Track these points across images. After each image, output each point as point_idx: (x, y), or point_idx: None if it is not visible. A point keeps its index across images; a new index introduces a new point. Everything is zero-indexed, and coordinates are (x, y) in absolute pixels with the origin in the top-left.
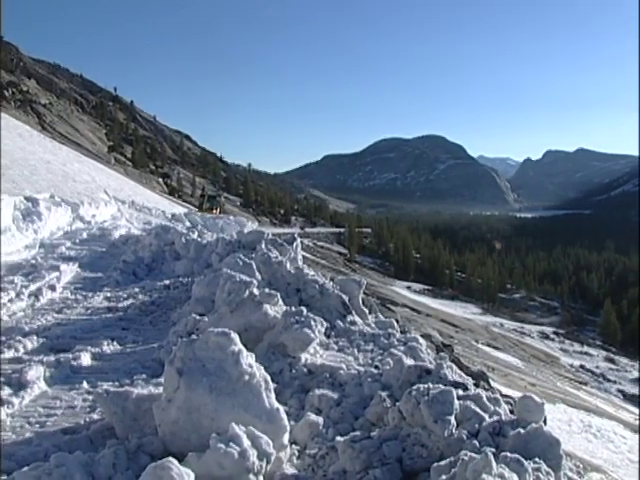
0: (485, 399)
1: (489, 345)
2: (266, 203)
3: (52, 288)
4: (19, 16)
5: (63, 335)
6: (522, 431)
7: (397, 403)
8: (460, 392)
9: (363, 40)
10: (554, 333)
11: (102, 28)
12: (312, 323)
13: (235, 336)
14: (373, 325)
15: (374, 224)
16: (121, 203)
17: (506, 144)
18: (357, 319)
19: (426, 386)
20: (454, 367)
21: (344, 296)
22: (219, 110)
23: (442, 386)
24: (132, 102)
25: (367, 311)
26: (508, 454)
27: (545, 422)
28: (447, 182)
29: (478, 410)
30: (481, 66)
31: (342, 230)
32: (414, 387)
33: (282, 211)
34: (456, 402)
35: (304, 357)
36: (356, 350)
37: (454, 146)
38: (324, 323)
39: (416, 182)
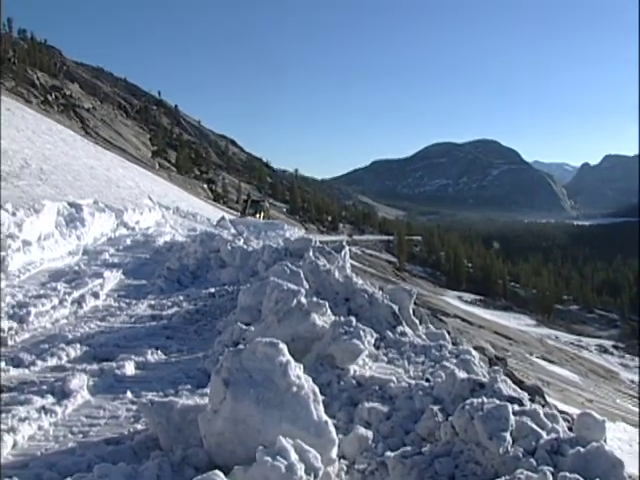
0: (542, 415)
1: (544, 359)
2: (313, 210)
3: (95, 295)
4: (63, 20)
5: (106, 343)
6: (582, 450)
7: (449, 418)
8: (515, 407)
9: (414, 42)
10: (613, 347)
11: (146, 31)
12: (361, 334)
13: (283, 346)
14: (424, 336)
15: (424, 232)
16: (165, 209)
17: (563, 149)
18: (407, 330)
19: (480, 400)
20: (508, 381)
21: (394, 306)
22: (266, 115)
23: (496, 401)
24: (176, 106)
25: (418, 322)
26: (567, 474)
27: (605, 441)
28: (501, 188)
29: (535, 427)
30: (538, 68)
31: (391, 238)
32: (467, 401)
33: (329, 218)
34: (512, 418)
35: (353, 369)
36: (406, 362)
37: (508, 151)
38: (373, 334)
39: (468, 188)
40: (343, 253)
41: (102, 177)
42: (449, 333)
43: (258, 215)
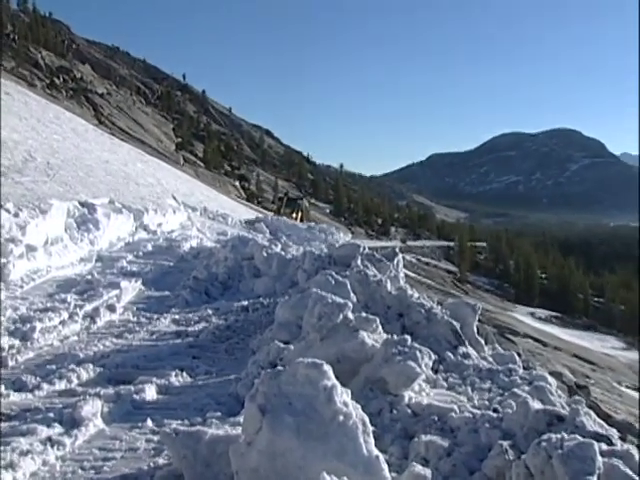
0: (637, 458)
1: (637, 389)
2: (361, 211)
3: (111, 308)
4: None
5: (123, 364)
6: None
7: (522, 456)
8: (603, 447)
9: (479, 23)
10: None
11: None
12: (417, 355)
13: (328, 368)
14: (490, 359)
15: (490, 237)
16: (191, 210)
17: None
18: (471, 351)
19: (559, 436)
20: (592, 414)
21: (455, 323)
22: (307, 103)
23: (579, 437)
24: (204, 92)
25: (483, 342)
26: None
27: None
28: (581, 186)
29: (629, 472)
30: (627, 46)
31: (451, 244)
32: (543, 437)
33: (380, 221)
34: (599, 459)
35: (408, 395)
36: (470, 389)
37: (591, 142)
38: (432, 355)
39: (542, 186)
40: (396, 261)
41: (118, 173)
42: (520, 355)
43: (295, 215)
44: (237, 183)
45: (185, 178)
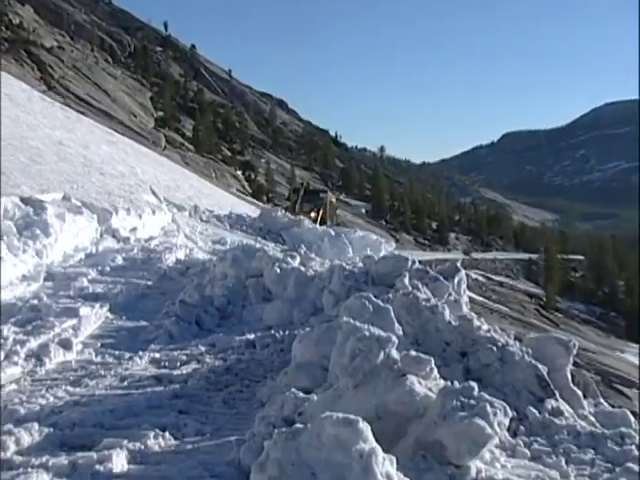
0: None
1: None
2: (408, 211)
3: (65, 345)
4: None
5: (82, 422)
6: None
7: None
8: None
9: None
10: None
11: None
12: (488, 410)
13: (364, 427)
14: (592, 418)
15: (590, 247)
16: (177, 210)
17: None
18: (564, 406)
19: None
20: None
21: (541, 366)
22: (334, 63)
23: None
24: (194, 48)
25: (581, 394)
26: None
27: None
28: None
29: None
30: None
31: (534, 257)
32: None
33: (434, 224)
34: None
35: (475, 467)
36: (563, 460)
37: None
38: (508, 411)
39: None
40: (457, 280)
41: (76, 158)
42: (636, 415)
43: (316, 215)
44: (239, 173)
45: (168, 166)
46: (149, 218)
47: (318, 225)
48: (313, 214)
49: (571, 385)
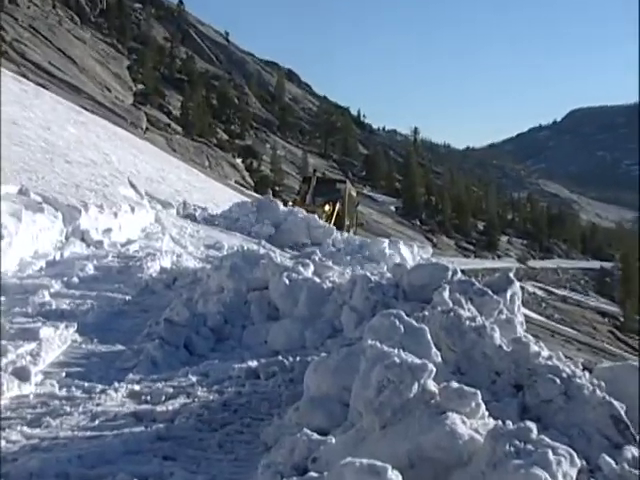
0: None
1: None
2: (448, 208)
3: (21, 375)
4: None
5: (42, 472)
6: None
7: None
8: None
9: None
10: None
11: None
12: (550, 457)
13: (395, 477)
14: None
15: None
16: (162, 207)
17: None
18: None
19: None
20: None
21: (616, 404)
22: (356, 26)
23: None
24: (181, 4)
25: None
26: None
27: None
28: None
29: None
30: None
31: (607, 266)
32: None
33: (481, 225)
34: None
35: None
36: None
37: None
38: (575, 459)
39: None
40: (510, 295)
41: (35, 143)
42: None
43: (331, 210)
44: (239, 161)
45: (151, 152)
46: (127, 217)
47: (333, 224)
48: (327, 207)
49: None
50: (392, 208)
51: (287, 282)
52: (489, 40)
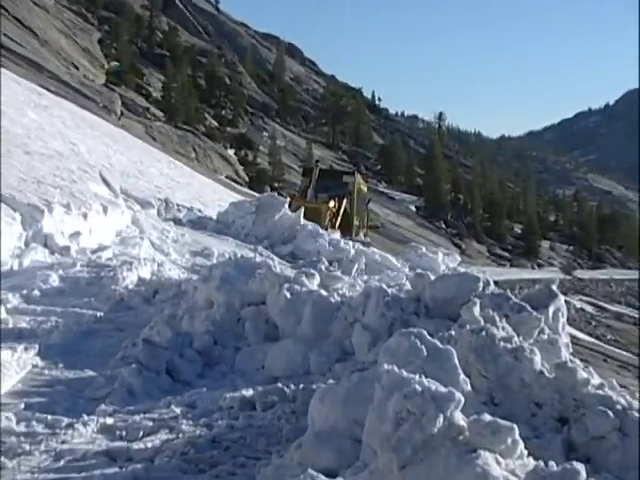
0: None
1: None
2: (479, 208)
3: None
4: None
5: None
6: None
7: None
8: None
9: None
10: None
11: None
12: None
13: None
14: None
15: None
16: (140, 206)
17: None
18: None
19: None
20: None
21: None
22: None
23: None
24: None
25: None
26: None
27: None
28: None
29: None
30: None
31: None
32: None
33: (518, 228)
34: None
35: None
36: None
37: None
38: None
39: None
40: (553, 311)
41: None
42: None
43: (335, 204)
44: (231, 153)
45: (127, 142)
46: (98, 219)
47: (338, 226)
48: (332, 204)
49: None
50: (412, 208)
51: (288, 295)
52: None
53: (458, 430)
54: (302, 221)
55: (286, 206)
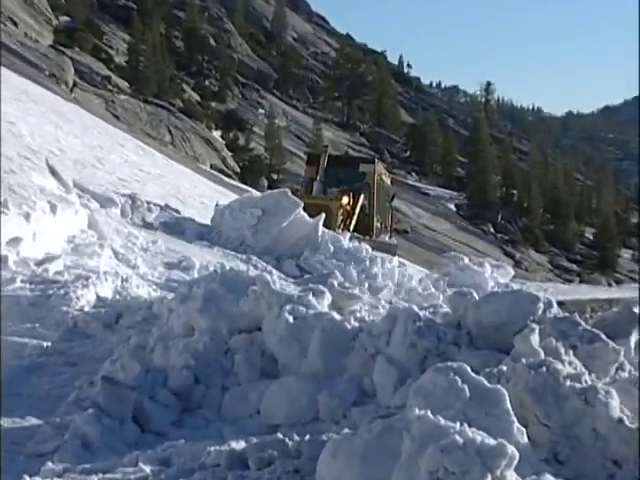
0: None
1: None
2: (538, 207)
3: None
4: None
5: None
6: None
7: None
8: None
9: None
10: None
11: None
12: None
13: None
14: None
15: None
16: (99, 204)
17: None
18: None
19: None
20: None
21: None
22: None
23: None
24: None
25: None
26: None
27: None
28: None
29: None
30: None
31: None
32: None
33: (590, 233)
34: None
35: None
36: None
37: None
38: None
39: None
40: (635, 341)
41: None
42: None
43: (349, 200)
44: (218, 135)
45: (82, 122)
46: (45, 221)
47: (353, 229)
48: (345, 200)
49: None
50: (452, 207)
51: (290, 320)
52: None
53: None
54: (321, 229)
55: (300, 209)
